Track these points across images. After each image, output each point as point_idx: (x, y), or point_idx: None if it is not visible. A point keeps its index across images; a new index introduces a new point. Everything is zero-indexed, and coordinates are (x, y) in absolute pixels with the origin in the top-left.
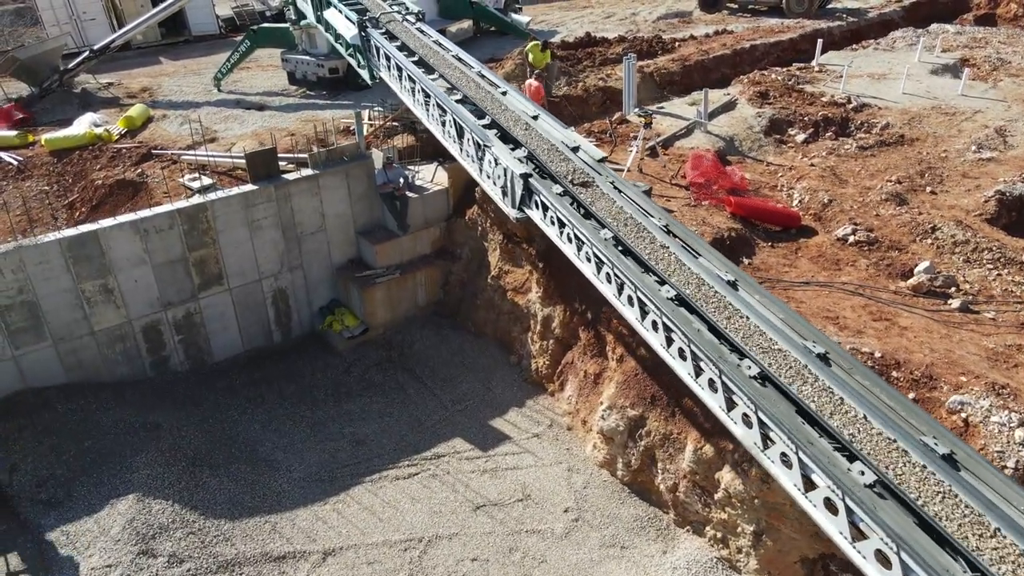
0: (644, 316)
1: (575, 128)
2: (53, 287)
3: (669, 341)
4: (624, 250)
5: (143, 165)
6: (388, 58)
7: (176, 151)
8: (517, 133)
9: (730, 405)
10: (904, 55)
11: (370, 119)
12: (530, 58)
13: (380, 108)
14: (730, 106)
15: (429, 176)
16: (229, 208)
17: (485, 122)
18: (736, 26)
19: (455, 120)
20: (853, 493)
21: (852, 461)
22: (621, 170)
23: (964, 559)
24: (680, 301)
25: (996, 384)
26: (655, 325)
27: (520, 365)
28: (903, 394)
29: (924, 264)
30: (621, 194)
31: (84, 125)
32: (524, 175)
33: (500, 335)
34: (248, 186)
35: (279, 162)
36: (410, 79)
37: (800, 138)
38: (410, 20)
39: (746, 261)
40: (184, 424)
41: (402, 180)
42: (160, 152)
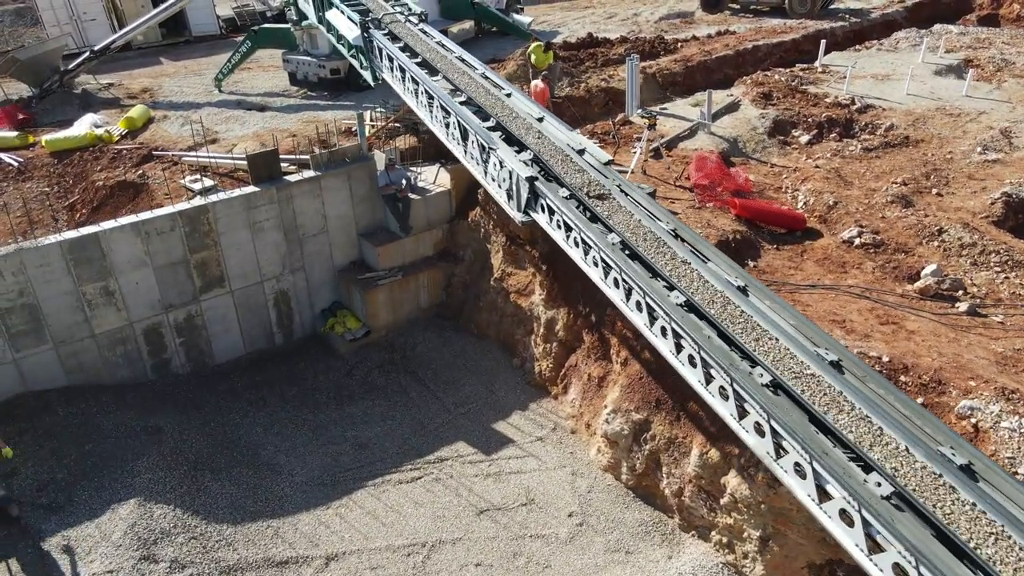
0: (653, 322)
1: (578, 130)
2: (54, 289)
3: (679, 348)
4: (631, 254)
5: (144, 166)
6: (391, 59)
7: (177, 152)
8: (522, 136)
9: (742, 413)
10: (907, 56)
11: (372, 120)
12: (532, 59)
13: (382, 109)
14: (733, 107)
15: (431, 177)
16: (231, 210)
17: (490, 124)
18: (738, 27)
19: (459, 122)
20: (870, 505)
21: (868, 472)
22: (625, 172)
23: (984, 573)
24: (689, 307)
25: (1006, 389)
26: (664, 331)
27: (523, 368)
28: (914, 400)
29: (931, 267)
30: (628, 197)
31: (85, 126)
32: (530, 178)
33: (503, 337)
34: (250, 188)
35: (281, 163)
36: (413, 81)
37: (804, 139)
38: (413, 21)
39: (751, 264)
40: (186, 427)
41: (404, 182)
42: (161, 153)
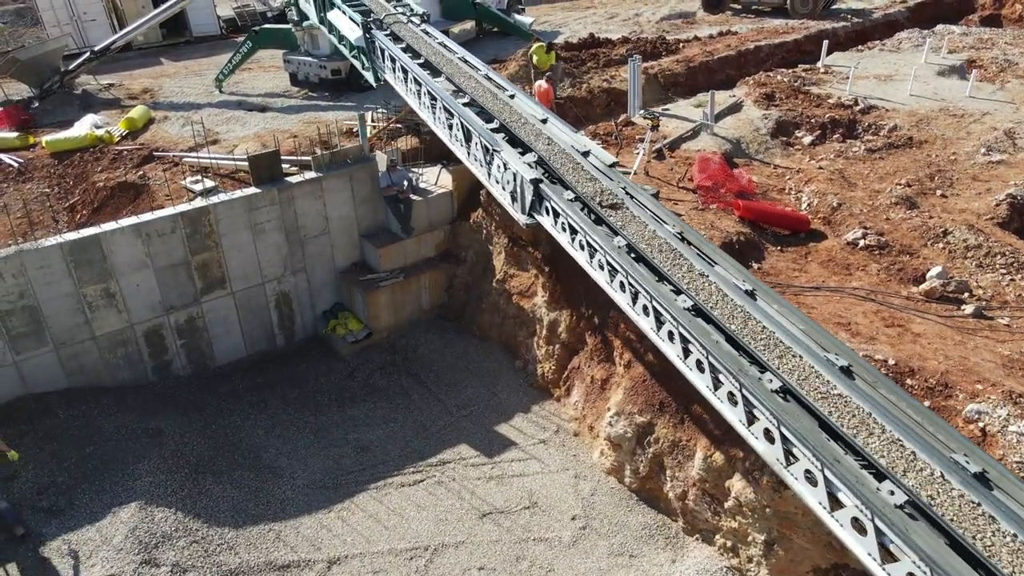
0: (660, 326)
1: (581, 131)
2: (54, 291)
3: (686, 352)
4: (637, 257)
5: (145, 167)
6: (393, 60)
7: (178, 153)
8: (526, 137)
9: (751, 419)
10: (910, 56)
11: (373, 121)
12: (534, 59)
13: (383, 110)
14: (736, 108)
15: (433, 179)
16: (232, 211)
17: (493, 126)
18: (740, 27)
19: (462, 124)
20: (883, 514)
21: (880, 480)
22: (628, 173)
23: None
24: (697, 311)
25: (1013, 392)
26: (671, 335)
27: (526, 370)
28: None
29: (936, 269)
30: (636, 201)
31: (85, 127)
32: (534, 180)
33: (505, 339)
34: (251, 189)
35: (282, 165)
36: (416, 82)
37: (807, 140)
38: (415, 22)
39: (755, 266)
40: (187, 430)
41: (406, 183)
42: (162, 154)
